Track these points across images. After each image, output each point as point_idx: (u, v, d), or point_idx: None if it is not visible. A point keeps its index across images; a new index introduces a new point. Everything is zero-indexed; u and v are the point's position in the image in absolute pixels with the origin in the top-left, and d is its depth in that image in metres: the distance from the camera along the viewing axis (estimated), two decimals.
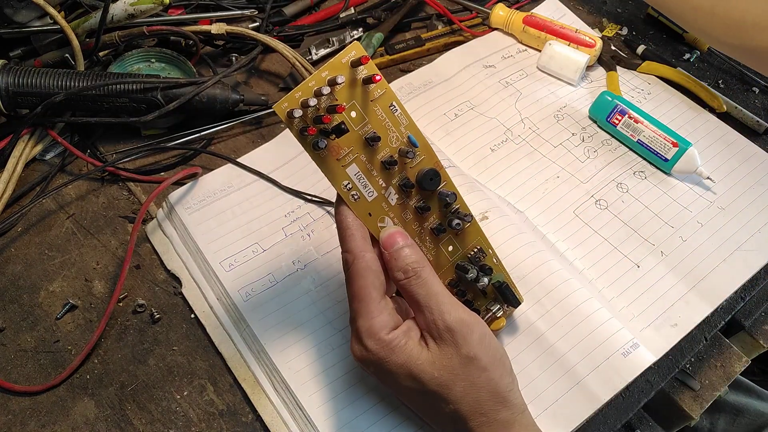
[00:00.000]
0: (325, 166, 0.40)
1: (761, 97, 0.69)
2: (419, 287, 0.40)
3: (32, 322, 0.50)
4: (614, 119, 0.61)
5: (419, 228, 0.43)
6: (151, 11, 0.61)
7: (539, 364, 0.48)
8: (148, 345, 0.49)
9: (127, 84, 0.57)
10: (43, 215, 0.56)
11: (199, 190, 0.56)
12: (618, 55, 0.70)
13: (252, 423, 0.46)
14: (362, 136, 0.40)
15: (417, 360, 0.39)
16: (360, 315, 0.39)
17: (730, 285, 0.53)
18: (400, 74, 0.68)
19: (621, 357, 0.48)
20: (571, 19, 0.73)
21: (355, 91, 0.40)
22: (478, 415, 0.38)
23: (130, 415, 0.46)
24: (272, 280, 0.51)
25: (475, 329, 0.39)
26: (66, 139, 0.59)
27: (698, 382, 0.50)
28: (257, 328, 0.49)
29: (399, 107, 0.41)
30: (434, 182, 0.42)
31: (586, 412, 0.46)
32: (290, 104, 0.38)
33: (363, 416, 0.45)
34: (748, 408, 0.74)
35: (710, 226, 0.57)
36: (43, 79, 0.57)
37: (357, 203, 0.41)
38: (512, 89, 0.66)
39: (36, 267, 0.53)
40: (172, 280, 0.53)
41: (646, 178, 0.60)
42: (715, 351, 0.52)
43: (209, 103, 0.59)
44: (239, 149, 0.61)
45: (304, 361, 0.47)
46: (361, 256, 0.40)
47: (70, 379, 0.47)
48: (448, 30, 0.72)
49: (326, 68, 0.39)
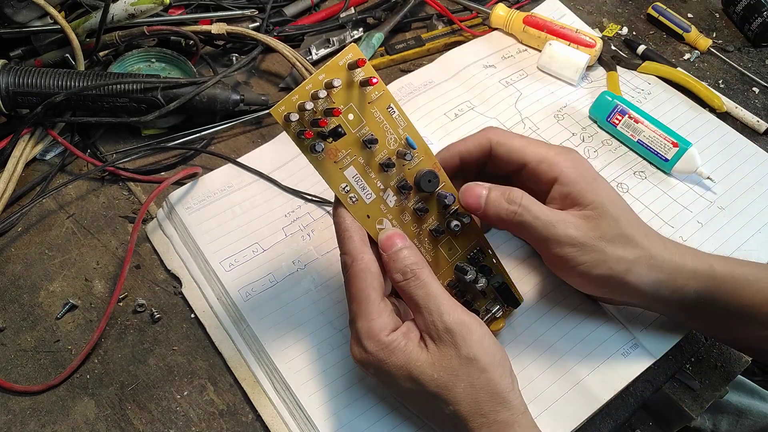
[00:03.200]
0: (322, 169, 0.40)
1: (761, 97, 0.69)
2: (418, 288, 0.40)
3: (32, 322, 0.50)
4: (614, 119, 0.61)
5: (418, 229, 0.43)
6: (151, 11, 0.61)
7: (539, 364, 0.48)
8: (148, 345, 0.49)
9: (127, 84, 0.57)
10: (43, 215, 0.56)
11: (199, 190, 0.56)
12: (618, 55, 0.70)
13: (252, 423, 0.46)
14: (360, 139, 0.40)
15: (416, 361, 0.39)
16: (359, 317, 0.39)
17: None
18: (400, 74, 0.68)
19: (621, 357, 0.48)
20: (571, 19, 0.73)
21: (353, 93, 0.40)
22: (478, 416, 0.38)
23: (130, 414, 0.46)
24: (272, 280, 0.51)
25: (475, 330, 0.39)
26: (66, 139, 0.59)
27: (698, 382, 0.50)
28: (257, 328, 0.49)
29: (397, 109, 0.41)
30: (432, 184, 0.42)
31: (586, 412, 0.46)
32: (287, 108, 0.38)
33: (363, 416, 0.45)
34: (751, 409, 0.74)
35: (710, 226, 0.57)
36: (44, 79, 0.57)
37: (355, 205, 0.41)
38: (512, 89, 0.66)
39: (36, 267, 0.53)
40: (172, 280, 0.53)
41: (646, 178, 0.60)
42: (715, 351, 0.52)
43: (209, 103, 0.59)
44: (239, 149, 0.61)
45: (304, 361, 0.47)
46: (359, 258, 0.40)
47: (70, 379, 0.48)
48: (449, 30, 0.72)
49: (323, 71, 0.39)
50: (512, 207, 0.41)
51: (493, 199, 0.42)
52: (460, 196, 0.43)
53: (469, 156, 0.45)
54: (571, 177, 0.42)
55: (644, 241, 0.42)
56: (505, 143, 0.44)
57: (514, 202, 0.41)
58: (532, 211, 0.41)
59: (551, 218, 0.41)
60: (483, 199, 0.42)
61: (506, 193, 0.42)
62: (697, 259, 0.44)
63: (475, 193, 0.42)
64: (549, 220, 0.41)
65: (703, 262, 0.43)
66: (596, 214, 0.41)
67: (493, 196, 0.42)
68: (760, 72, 0.71)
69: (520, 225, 0.42)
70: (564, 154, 0.44)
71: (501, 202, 0.41)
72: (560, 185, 0.43)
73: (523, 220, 0.41)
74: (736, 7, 0.75)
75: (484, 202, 0.42)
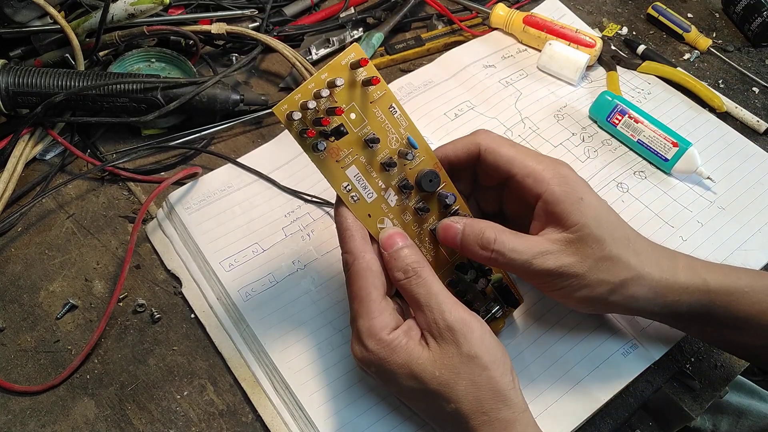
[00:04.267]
0: (324, 168, 0.40)
1: (761, 97, 0.69)
2: (419, 287, 0.40)
3: (32, 322, 0.50)
4: (614, 119, 0.61)
5: (419, 229, 0.43)
6: (151, 11, 0.61)
7: (539, 364, 0.48)
8: (148, 345, 0.49)
9: (127, 84, 0.57)
10: (43, 215, 0.56)
11: (199, 190, 0.56)
12: (618, 55, 0.70)
13: (252, 423, 0.46)
14: (361, 138, 0.40)
15: (418, 359, 0.39)
16: (360, 315, 0.39)
17: None
18: (400, 74, 0.68)
19: (621, 357, 0.48)
20: (571, 19, 0.73)
21: (355, 92, 0.40)
22: (480, 414, 0.38)
23: (130, 415, 0.46)
24: (272, 280, 0.51)
25: (476, 328, 0.39)
26: (66, 139, 0.59)
27: (698, 382, 0.50)
28: (257, 328, 0.49)
29: (398, 109, 0.41)
30: (434, 183, 0.42)
31: (586, 412, 0.46)
32: (289, 106, 0.38)
33: (363, 416, 0.45)
34: (751, 410, 0.74)
35: (710, 226, 0.57)
36: (43, 79, 0.57)
37: (356, 204, 0.41)
38: (512, 89, 0.66)
39: (36, 267, 0.53)
40: (172, 280, 0.53)
41: (646, 177, 0.60)
42: (715, 351, 0.52)
43: (209, 103, 0.59)
44: (239, 149, 0.61)
45: (304, 361, 0.47)
46: (361, 257, 0.40)
47: (70, 379, 0.47)
48: (448, 30, 0.72)
49: (325, 70, 0.39)
50: (485, 253, 0.40)
51: (467, 241, 0.41)
52: (438, 232, 0.43)
53: (458, 161, 0.44)
54: (555, 196, 0.41)
55: (633, 260, 0.41)
56: (494, 151, 0.43)
57: (486, 247, 0.40)
58: (506, 254, 0.40)
59: (526, 256, 0.40)
60: (459, 239, 0.42)
61: (480, 236, 0.41)
62: (691, 273, 0.43)
63: (451, 234, 0.42)
64: (524, 258, 0.40)
65: (696, 277, 0.43)
66: (578, 237, 0.40)
67: (467, 238, 0.41)
68: (760, 72, 0.71)
69: (499, 266, 0.42)
70: (552, 170, 0.42)
71: (475, 247, 0.41)
72: (544, 203, 0.41)
73: (500, 263, 0.41)
74: (736, 7, 0.75)
75: (460, 242, 0.42)
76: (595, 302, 0.42)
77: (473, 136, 0.44)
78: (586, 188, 0.42)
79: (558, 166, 0.43)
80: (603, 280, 0.41)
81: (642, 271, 0.42)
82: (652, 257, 0.43)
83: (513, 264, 0.40)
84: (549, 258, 0.40)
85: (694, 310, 0.43)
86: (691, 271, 0.43)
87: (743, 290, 0.43)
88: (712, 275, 0.43)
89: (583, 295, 0.41)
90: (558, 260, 0.40)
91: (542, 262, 0.40)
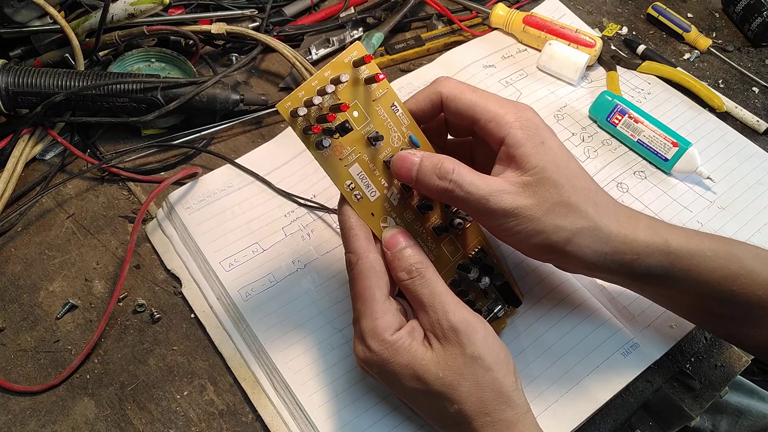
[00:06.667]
0: (328, 165, 0.40)
1: (761, 97, 0.69)
2: (423, 287, 0.40)
3: (32, 322, 0.50)
4: (614, 119, 0.61)
5: (421, 228, 0.43)
6: (151, 11, 0.61)
7: (539, 364, 0.48)
8: (148, 345, 0.49)
9: (127, 84, 0.57)
10: (43, 215, 0.56)
11: (199, 190, 0.56)
12: (618, 55, 0.70)
13: (252, 423, 0.46)
14: (365, 136, 0.40)
15: (421, 360, 0.38)
16: (364, 316, 0.39)
17: None
18: (400, 74, 0.68)
19: (621, 357, 0.48)
20: (571, 18, 0.73)
21: (357, 90, 0.40)
22: (483, 415, 0.38)
23: (130, 414, 0.46)
24: (272, 280, 0.51)
25: (479, 329, 0.39)
26: (66, 138, 0.59)
27: (698, 382, 0.50)
28: (257, 328, 0.48)
29: (400, 107, 0.41)
30: None
31: (586, 412, 0.46)
32: (294, 103, 0.38)
33: (363, 416, 0.45)
34: (750, 410, 0.74)
35: (710, 226, 0.57)
36: (43, 78, 0.57)
37: (360, 203, 0.41)
38: (512, 89, 0.66)
39: (36, 267, 0.53)
40: (172, 280, 0.53)
41: (646, 177, 0.60)
42: (715, 351, 0.52)
43: (209, 103, 0.59)
44: (239, 149, 0.61)
45: (304, 361, 0.47)
46: (364, 257, 0.40)
47: (70, 379, 0.47)
48: (448, 30, 0.72)
49: (329, 68, 0.39)
50: (442, 183, 0.39)
51: (424, 171, 0.39)
52: (392, 164, 0.41)
53: (423, 114, 0.43)
54: (517, 139, 0.40)
55: (590, 210, 0.40)
56: (455, 98, 0.41)
57: (444, 177, 0.39)
58: (463, 186, 0.38)
59: (483, 191, 0.39)
60: (414, 171, 0.40)
61: (438, 166, 0.39)
62: (652, 232, 0.41)
63: (407, 165, 0.40)
64: (481, 194, 0.39)
65: (658, 236, 0.41)
66: (535, 180, 0.39)
67: (425, 168, 0.39)
68: (760, 72, 0.72)
69: (452, 201, 0.40)
70: (515, 113, 0.41)
71: (432, 177, 0.39)
72: (506, 147, 0.40)
73: (455, 196, 0.39)
74: (736, 7, 0.75)
75: (416, 175, 0.40)
76: (551, 251, 0.41)
77: (434, 85, 0.42)
78: (549, 133, 0.41)
79: (521, 110, 0.41)
80: (559, 226, 0.39)
81: (600, 222, 0.40)
82: (611, 211, 0.42)
83: (469, 199, 0.39)
84: (506, 197, 0.39)
85: (652, 271, 0.42)
86: (652, 230, 0.42)
87: (705, 254, 0.41)
88: (675, 237, 0.42)
89: (539, 242, 0.40)
90: (515, 201, 0.39)
91: (498, 200, 0.39)
